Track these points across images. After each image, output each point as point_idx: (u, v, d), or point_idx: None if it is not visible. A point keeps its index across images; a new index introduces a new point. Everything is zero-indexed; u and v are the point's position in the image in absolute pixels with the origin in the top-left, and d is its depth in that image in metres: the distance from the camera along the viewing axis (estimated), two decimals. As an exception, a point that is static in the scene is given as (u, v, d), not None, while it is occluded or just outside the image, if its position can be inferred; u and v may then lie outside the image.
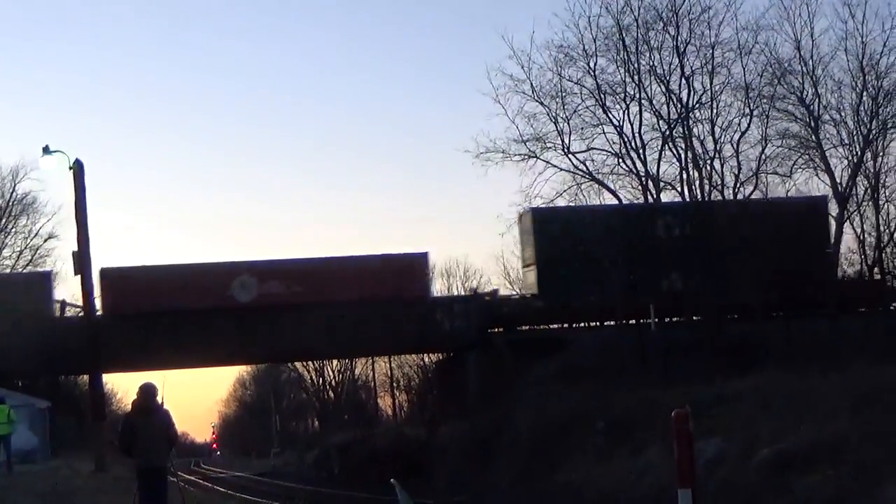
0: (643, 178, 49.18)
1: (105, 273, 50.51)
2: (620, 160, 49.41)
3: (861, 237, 51.55)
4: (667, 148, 49.13)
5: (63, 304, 55.12)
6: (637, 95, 49.10)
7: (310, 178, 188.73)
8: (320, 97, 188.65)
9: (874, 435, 26.62)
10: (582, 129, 49.53)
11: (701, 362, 42.41)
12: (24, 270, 66.53)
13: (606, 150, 49.66)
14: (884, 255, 52.13)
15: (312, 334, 51.88)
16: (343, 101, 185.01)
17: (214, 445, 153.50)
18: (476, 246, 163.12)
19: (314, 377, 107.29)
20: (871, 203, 50.25)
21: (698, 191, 48.63)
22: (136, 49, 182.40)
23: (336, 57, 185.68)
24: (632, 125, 49.19)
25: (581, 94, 49.41)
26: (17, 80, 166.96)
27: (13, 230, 69.97)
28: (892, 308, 53.29)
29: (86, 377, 52.42)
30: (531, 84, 48.97)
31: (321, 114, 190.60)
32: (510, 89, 49.33)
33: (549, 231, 51.52)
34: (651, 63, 48.98)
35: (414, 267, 53.10)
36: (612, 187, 50.05)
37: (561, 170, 49.66)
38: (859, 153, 48.91)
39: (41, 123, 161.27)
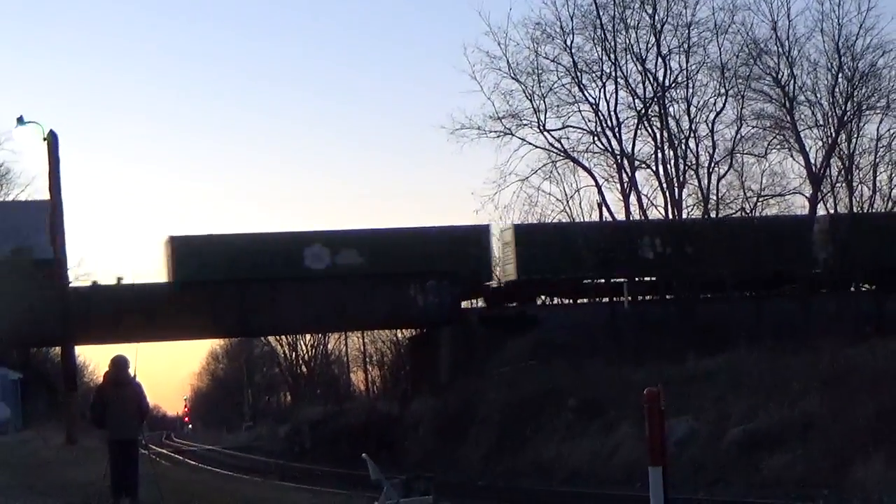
0: (618, 157, 49.27)
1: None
2: (596, 138, 49.50)
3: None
4: (642, 127, 49.23)
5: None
6: (613, 74, 49.15)
7: (284, 153, 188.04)
8: (295, 74, 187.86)
9: (843, 415, 26.83)
10: (558, 106, 49.59)
11: (673, 341, 42.57)
12: None
13: (582, 128, 49.75)
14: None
15: (286, 308, 51.79)
16: (318, 78, 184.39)
17: (186, 419, 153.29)
18: (451, 222, 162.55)
19: (287, 352, 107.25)
20: (844, 184, 50.40)
21: (673, 170, 48.78)
22: (113, 20, 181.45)
23: (312, 33, 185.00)
24: (608, 103, 49.26)
25: (557, 71, 49.44)
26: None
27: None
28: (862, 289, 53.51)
29: (58, 349, 52.24)
30: (507, 61, 48.98)
31: (295, 90, 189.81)
32: (486, 66, 49.32)
33: None
34: (627, 41, 49.04)
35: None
36: (587, 165, 50.17)
37: (536, 147, 49.73)
38: (834, 134, 49.02)
39: (15, 94, 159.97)
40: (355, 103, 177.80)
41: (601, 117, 49.16)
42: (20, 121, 38.04)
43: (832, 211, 50.64)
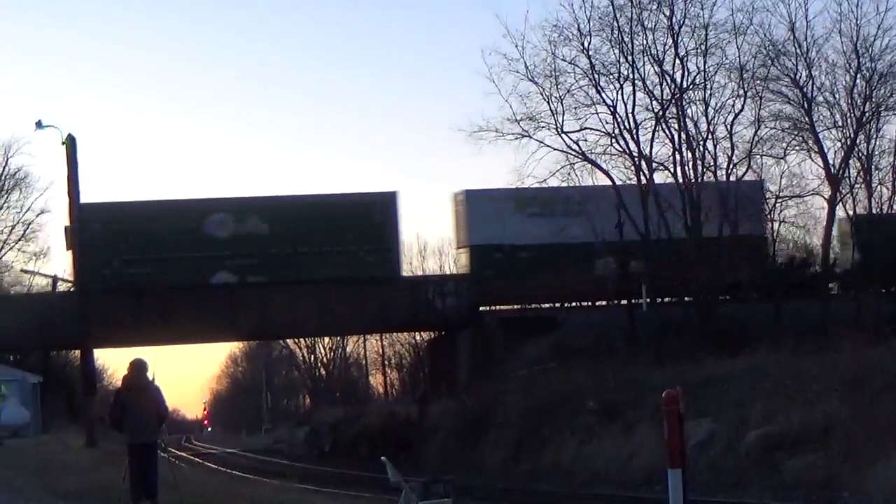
0: (636, 159, 49.20)
1: None
2: (614, 140, 49.45)
3: (853, 219, 51.51)
4: (660, 128, 49.16)
5: (55, 279, 55.12)
6: (631, 76, 49.07)
7: (295, 156, 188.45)
8: (314, 74, 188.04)
9: (864, 416, 26.71)
10: (575, 108, 49.50)
11: (692, 343, 42.47)
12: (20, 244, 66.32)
13: (599, 131, 49.67)
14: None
15: (304, 311, 51.82)
16: (335, 78, 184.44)
17: (206, 422, 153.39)
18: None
19: (306, 354, 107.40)
20: (863, 185, 50.27)
21: (691, 172, 48.68)
22: (126, 22, 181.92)
23: (329, 35, 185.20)
24: (625, 105, 49.19)
25: (575, 73, 49.37)
26: (10, 55, 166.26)
27: (5, 205, 69.54)
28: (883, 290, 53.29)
29: (77, 352, 52.44)
30: (525, 63, 48.90)
31: (316, 90, 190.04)
32: (504, 68, 49.26)
33: None
34: (645, 43, 48.95)
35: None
36: (605, 167, 50.10)
37: (554, 149, 49.65)
38: (852, 135, 48.88)
39: (34, 98, 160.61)
40: (373, 107, 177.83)
41: (619, 119, 49.15)
42: (38, 125, 38.20)
43: (851, 212, 50.53)
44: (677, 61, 48.74)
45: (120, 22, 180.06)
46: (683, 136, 48.80)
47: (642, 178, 49.10)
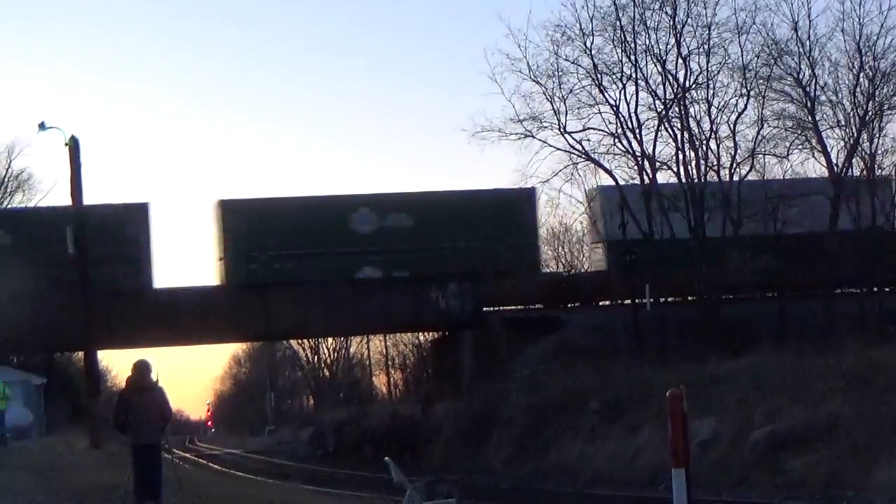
0: (639, 159, 49.19)
1: None
2: (616, 140, 49.45)
3: (856, 218, 51.44)
4: (663, 128, 49.16)
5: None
6: (633, 75, 49.06)
7: (304, 154, 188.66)
8: (318, 76, 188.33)
9: (868, 415, 26.71)
10: (578, 108, 49.52)
11: (696, 342, 42.46)
12: None
13: (602, 130, 49.71)
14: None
15: (307, 312, 51.77)
16: (338, 80, 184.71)
17: (209, 423, 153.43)
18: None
19: (309, 355, 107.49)
20: (866, 184, 50.22)
21: (694, 171, 48.66)
22: (127, 22, 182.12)
23: (334, 37, 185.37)
24: (628, 105, 49.18)
25: (577, 73, 49.38)
26: (11, 56, 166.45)
27: (9, 207, 69.78)
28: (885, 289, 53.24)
29: (80, 354, 52.41)
30: (528, 63, 48.92)
31: (318, 90, 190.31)
32: (507, 68, 49.33)
33: None
34: (647, 43, 48.95)
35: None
36: (608, 167, 50.10)
37: (557, 149, 49.69)
38: (855, 134, 48.88)
39: (37, 100, 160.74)
40: (375, 107, 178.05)
41: (622, 119, 49.16)
42: (42, 126, 38.17)
43: (854, 211, 50.50)
44: (680, 61, 48.77)
45: (122, 22, 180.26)
46: (686, 135, 48.83)
47: (645, 177, 49.11)
